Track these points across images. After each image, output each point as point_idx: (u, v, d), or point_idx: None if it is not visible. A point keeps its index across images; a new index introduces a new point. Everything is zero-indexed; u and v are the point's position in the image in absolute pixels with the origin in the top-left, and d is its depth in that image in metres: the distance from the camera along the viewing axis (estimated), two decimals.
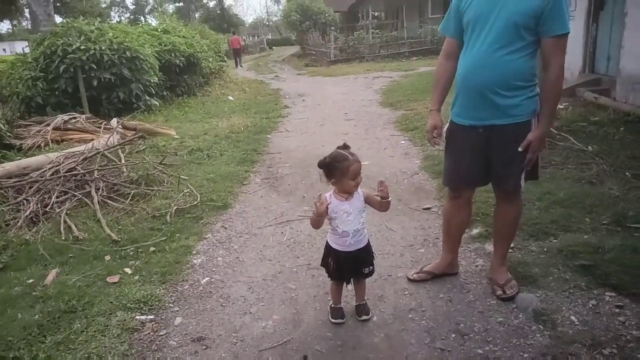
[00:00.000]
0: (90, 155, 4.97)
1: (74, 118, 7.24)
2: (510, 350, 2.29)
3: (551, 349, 2.26)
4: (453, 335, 2.43)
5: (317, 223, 2.44)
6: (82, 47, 8.56)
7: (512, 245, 3.07)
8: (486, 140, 2.54)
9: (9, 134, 6.42)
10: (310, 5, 27.43)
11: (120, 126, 7.17)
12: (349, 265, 2.50)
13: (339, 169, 2.35)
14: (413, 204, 4.24)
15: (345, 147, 2.44)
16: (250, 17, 72.62)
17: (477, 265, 3.09)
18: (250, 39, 56.29)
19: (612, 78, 7.87)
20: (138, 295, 2.85)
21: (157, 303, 2.83)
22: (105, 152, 5.07)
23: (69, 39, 8.57)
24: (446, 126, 2.76)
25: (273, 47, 44.36)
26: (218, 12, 55.59)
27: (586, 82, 8.33)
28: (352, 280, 2.64)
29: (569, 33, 2.31)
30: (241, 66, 24.57)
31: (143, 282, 3.04)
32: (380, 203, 2.42)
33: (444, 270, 2.97)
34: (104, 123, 6.96)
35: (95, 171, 4.67)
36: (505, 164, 2.54)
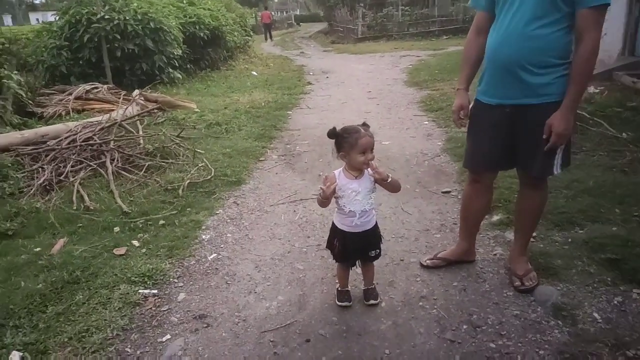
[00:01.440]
0: (107, 125, 4.93)
1: (96, 88, 7.24)
2: (525, 345, 2.15)
3: (570, 347, 2.11)
4: (465, 326, 2.30)
5: (323, 203, 2.33)
6: (107, 17, 8.51)
7: (534, 234, 2.91)
8: (512, 121, 2.36)
9: (30, 102, 6.44)
10: None
11: (141, 98, 7.14)
12: (354, 247, 2.38)
13: (347, 141, 2.21)
14: (432, 187, 4.08)
15: (364, 125, 2.28)
16: None
17: (495, 254, 2.94)
18: (278, 14, 55.70)
19: None
20: (143, 269, 2.80)
21: (161, 277, 2.78)
22: (122, 122, 5.02)
23: (93, 8, 8.53)
24: (471, 105, 2.58)
25: (301, 24, 43.83)
26: None
27: (625, 66, 7.87)
28: (359, 263, 2.53)
29: (608, 5, 2.09)
30: (271, 39, 25.06)
31: (150, 256, 2.99)
32: (386, 185, 2.27)
33: (460, 258, 2.83)
34: (124, 93, 6.92)
35: (112, 141, 4.64)
36: (531, 147, 2.35)
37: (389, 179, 2.24)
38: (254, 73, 11.85)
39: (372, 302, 2.50)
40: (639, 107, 5.76)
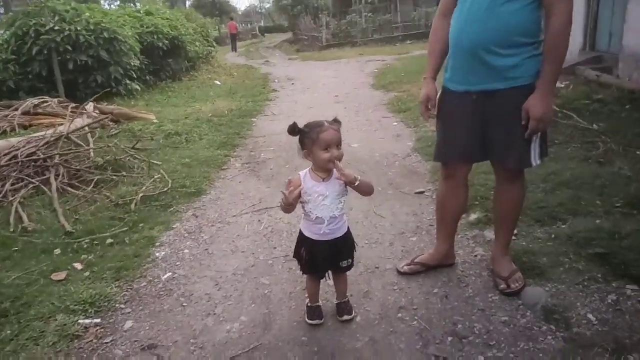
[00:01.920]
0: (53, 139, 4.54)
1: (45, 102, 6.78)
2: (518, 355, 1.92)
3: (566, 354, 1.89)
4: (449, 338, 2.05)
5: (287, 209, 2.05)
6: (56, 28, 8.06)
7: (515, 232, 2.71)
8: (481, 109, 2.17)
9: None
10: None
11: (95, 110, 6.73)
12: (324, 257, 2.11)
13: (309, 136, 1.95)
14: (405, 188, 3.86)
15: (335, 121, 2.01)
16: (243, 4, 71.34)
17: (476, 255, 2.72)
18: (242, 26, 55.36)
19: (614, 55, 7.47)
20: (85, 295, 2.45)
21: (105, 304, 2.43)
22: (70, 135, 4.64)
23: (41, 19, 8.06)
24: (439, 94, 2.37)
25: (265, 34, 43.62)
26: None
27: (587, 60, 7.93)
28: (329, 276, 2.26)
29: None
30: (236, 50, 24.81)
31: (93, 280, 2.65)
32: (356, 188, 2.00)
33: (439, 261, 2.59)
34: (75, 106, 6.49)
35: (57, 156, 4.25)
36: (503, 136, 2.15)
37: (357, 182, 1.97)
38: (217, 82, 11.51)
39: (346, 317, 2.23)
40: (606, 99, 5.75)
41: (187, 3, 52.16)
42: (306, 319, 2.24)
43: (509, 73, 2.05)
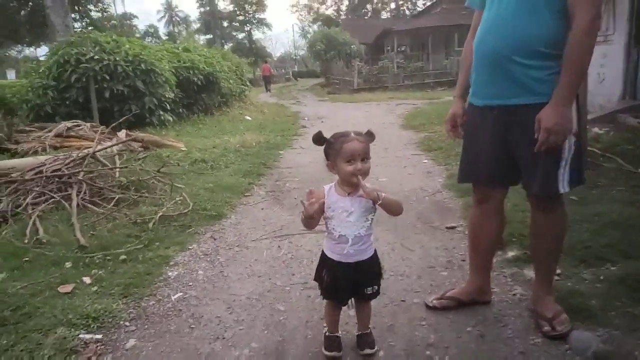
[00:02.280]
0: (80, 157, 4.53)
1: (78, 126, 6.91)
2: None
3: None
4: None
5: (308, 223, 1.88)
6: (96, 57, 8.34)
7: (558, 271, 2.46)
8: (504, 126, 2.00)
9: (4, 137, 6.07)
10: (335, 36, 27.48)
11: (126, 137, 6.80)
12: (346, 281, 1.90)
13: (333, 147, 1.81)
14: (435, 223, 3.64)
15: (367, 134, 1.87)
16: (279, 51, 73.84)
17: (514, 294, 2.46)
18: (277, 71, 57.01)
19: None
20: (89, 310, 2.30)
21: (110, 320, 2.27)
22: (96, 154, 4.63)
23: (83, 49, 8.37)
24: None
25: (298, 79, 44.69)
26: (247, 44, 56.67)
27: (627, 109, 7.65)
28: (352, 304, 2.04)
29: None
30: (269, 91, 25.49)
31: (100, 295, 2.50)
32: (382, 205, 1.82)
33: (473, 297, 2.34)
34: (107, 131, 6.57)
35: (81, 173, 4.22)
36: (527, 158, 1.96)
37: (381, 200, 1.79)
38: (248, 118, 11.65)
39: (367, 351, 2.00)
40: None
41: (226, 46, 54.32)
42: (323, 350, 2.01)
43: (534, 87, 1.89)
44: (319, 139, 1.86)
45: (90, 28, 8.68)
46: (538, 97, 1.87)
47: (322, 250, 1.99)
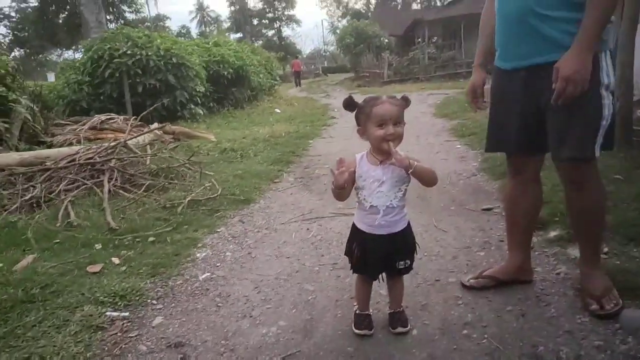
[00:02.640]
0: (112, 145, 4.58)
1: (111, 119, 7.03)
2: None
3: None
4: None
5: (339, 194, 1.79)
6: (129, 52, 8.48)
7: (605, 249, 2.29)
8: (534, 87, 1.85)
9: (42, 131, 6.22)
10: (365, 29, 27.20)
11: (158, 130, 6.87)
12: (378, 254, 1.81)
13: (364, 111, 1.72)
14: (470, 205, 3.48)
15: (404, 99, 1.78)
16: (308, 48, 73.75)
17: (558, 273, 2.30)
18: (306, 67, 57.00)
19: None
20: (117, 288, 2.28)
21: (137, 298, 2.25)
22: (127, 143, 4.67)
23: (116, 44, 8.52)
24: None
25: (328, 74, 44.53)
26: (276, 41, 56.90)
27: None
28: (384, 279, 1.94)
29: None
30: (299, 86, 25.65)
31: (129, 274, 2.48)
32: (414, 174, 1.72)
33: (513, 276, 2.20)
34: (139, 123, 6.66)
35: (113, 160, 4.25)
36: (560, 119, 1.80)
37: (413, 168, 1.69)
38: (278, 110, 11.64)
39: (400, 329, 1.89)
40: None
41: (256, 44, 54.69)
42: (353, 329, 1.92)
43: (564, 41, 1.72)
44: (349, 103, 1.78)
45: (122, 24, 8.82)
46: None
47: (353, 223, 1.90)
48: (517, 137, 1.98)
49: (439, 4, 49.39)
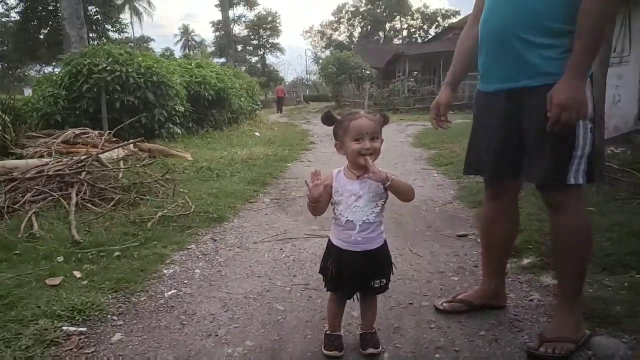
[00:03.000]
0: (83, 158, 4.46)
1: (86, 133, 6.88)
2: None
3: None
4: None
5: (314, 209, 1.76)
6: (109, 68, 8.36)
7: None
8: (514, 112, 1.84)
9: (11, 141, 6.03)
10: (347, 60, 27.70)
11: (134, 146, 6.75)
12: (353, 271, 1.76)
13: (341, 126, 1.70)
14: (445, 231, 3.48)
15: (382, 115, 1.74)
16: (291, 76, 74.54)
17: (531, 300, 2.28)
18: (288, 95, 57.41)
19: None
20: (76, 302, 2.16)
21: (96, 314, 2.13)
22: (100, 157, 4.55)
23: (96, 59, 8.42)
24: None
25: (309, 102, 44.98)
26: (260, 68, 57.41)
27: None
28: (358, 298, 1.89)
29: None
30: (281, 112, 25.96)
31: (90, 288, 2.36)
32: (390, 188, 1.68)
33: (486, 301, 2.17)
34: (114, 139, 6.53)
35: (83, 173, 4.13)
36: (536, 144, 1.78)
37: (390, 181, 1.65)
38: (257, 134, 11.62)
39: (371, 350, 1.83)
40: None
41: (239, 69, 54.99)
42: (323, 350, 1.85)
43: (544, 67, 1.72)
44: (328, 117, 1.77)
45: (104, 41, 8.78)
46: (549, 78, 1.71)
47: (329, 238, 1.85)
48: (496, 160, 1.96)
49: (420, 41, 50.86)
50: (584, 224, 1.85)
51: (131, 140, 5.86)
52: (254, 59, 60.96)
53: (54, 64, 27.40)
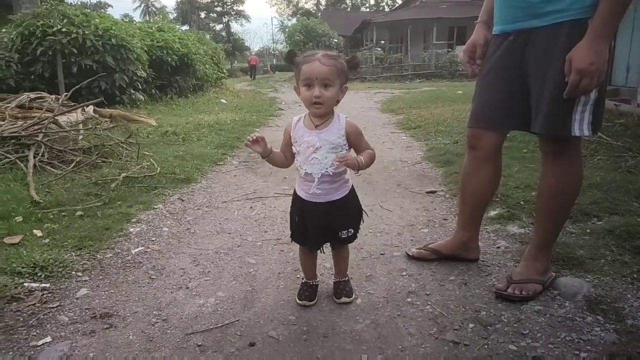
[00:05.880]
0: (40, 121, 4.24)
1: (42, 98, 6.53)
2: (559, 346, 1.52)
3: (621, 347, 1.49)
4: (471, 325, 1.66)
5: (271, 162, 1.76)
6: (64, 30, 7.93)
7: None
8: (520, 54, 1.75)
9: None
10: (314, 27, 27.29)
11: (94, 111, 6.47)
12: (316, 223, 1.71)
13: (296, 67, 1.56)
14: (415, 188, 3.50)
15: (348, 61, 1.59)
16: (257, 45, 72.87)
17: (498, 247, 2.34)
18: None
19: (631, 89, 7.28)
20: (37, 259, 2.07)
21: (60, 270, 2.05)
22: (57, 119, 4.34)
23: (50, 21, 7.96)
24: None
25: (276, 71, 44.29)
26: (224, 36, 55.82)
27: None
28: (323, 251, 1.85)
29: None
30: (254, 79, 26.42)
31: (52, 247, 2.27)
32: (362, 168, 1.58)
33: (457, 252, 2.16)
34: (73, 104, 6.23)
35: (40, 135, 3.94)
36: (536, 90, 1.71)
37: (361, 165, 1.54)
38: (224, 101, 11.35)
39: (344, 299, 1.83)
40: (628, 123, 5.46)
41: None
42: (297, 299, 1.84)
43: (549, 5, 1.62)
44: (290, 56, 1.64)
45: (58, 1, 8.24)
46: (554, 16, 1.61)
47: (294, 189, 1.80)
48: (490, 109, 1.89)
49: (387, 9, 50.40)
50: (580, 176, 1.83)
51: (90, 101, 5.59)
52: (218, 27, 59.23)
53: (4, 30, 25.87)
